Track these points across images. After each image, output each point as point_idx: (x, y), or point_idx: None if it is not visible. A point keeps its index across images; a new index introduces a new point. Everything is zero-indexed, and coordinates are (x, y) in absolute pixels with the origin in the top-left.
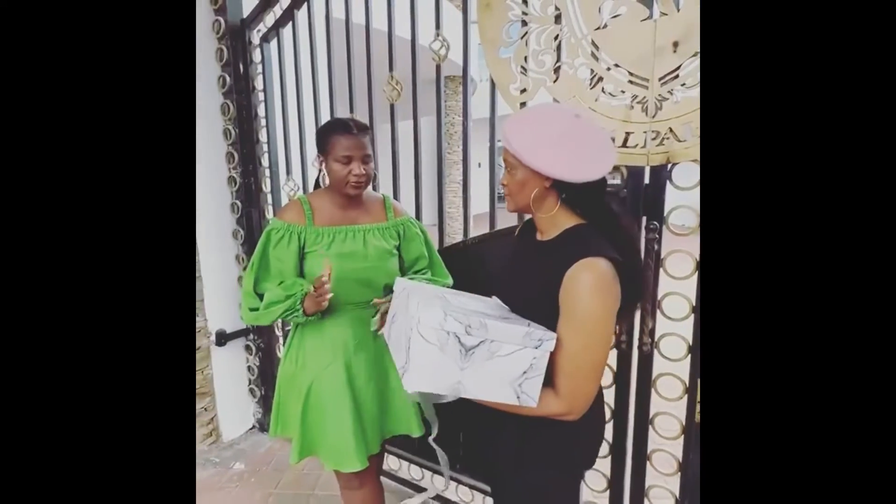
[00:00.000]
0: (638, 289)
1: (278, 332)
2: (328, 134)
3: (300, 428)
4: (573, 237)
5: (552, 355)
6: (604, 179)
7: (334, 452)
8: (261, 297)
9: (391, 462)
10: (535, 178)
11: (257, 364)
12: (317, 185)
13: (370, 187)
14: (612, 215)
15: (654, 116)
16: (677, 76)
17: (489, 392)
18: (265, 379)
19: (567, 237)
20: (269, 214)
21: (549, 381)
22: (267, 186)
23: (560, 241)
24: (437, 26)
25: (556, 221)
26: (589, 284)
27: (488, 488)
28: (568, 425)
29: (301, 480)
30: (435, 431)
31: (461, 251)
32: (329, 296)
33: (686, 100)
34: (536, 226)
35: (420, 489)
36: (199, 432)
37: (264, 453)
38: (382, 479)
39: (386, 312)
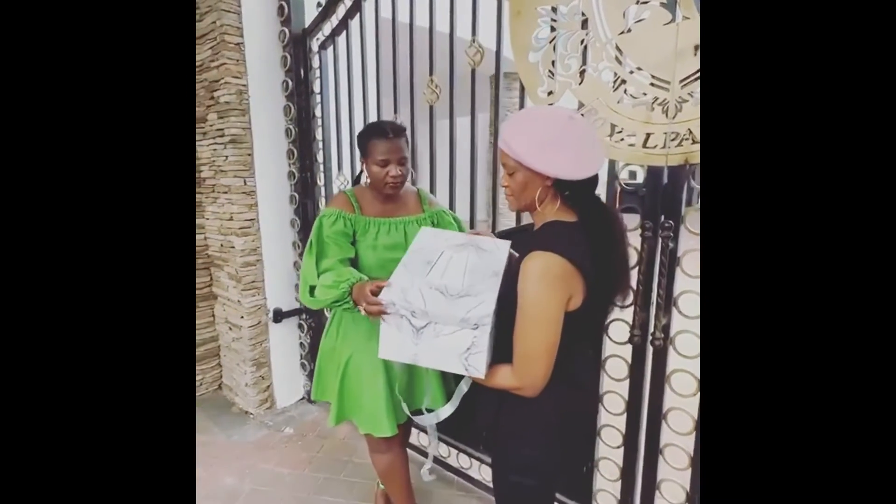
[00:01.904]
0: (615, 284)
1: (328, 314)
2: (367, 138)
3: (338, 395)
4: (545, 231)
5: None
6: (596, 175)
7: (368, 418)
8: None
9: (422, 439)
10: (537, 178)
11: (308, 341)
12: (356, 181)
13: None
14: (606, 213)
15: (673, 118)
16: (698, 78)
17: (441, 363)
18: (314, 355)
19: (541, 230)
20: (322, 206)
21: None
22: (321, 180)
23: (536, 233)
24: (474, 32)
25: (544, 216)
26: (534, 274)
27: None
28: (532, 403)
29: (341, 447)
30: (442, 415)
31: None
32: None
33: None
34: (533, 219)
35: (447, 466)
36: (257, 398)
37: (311, 421)
38: (415, 454)
39: None
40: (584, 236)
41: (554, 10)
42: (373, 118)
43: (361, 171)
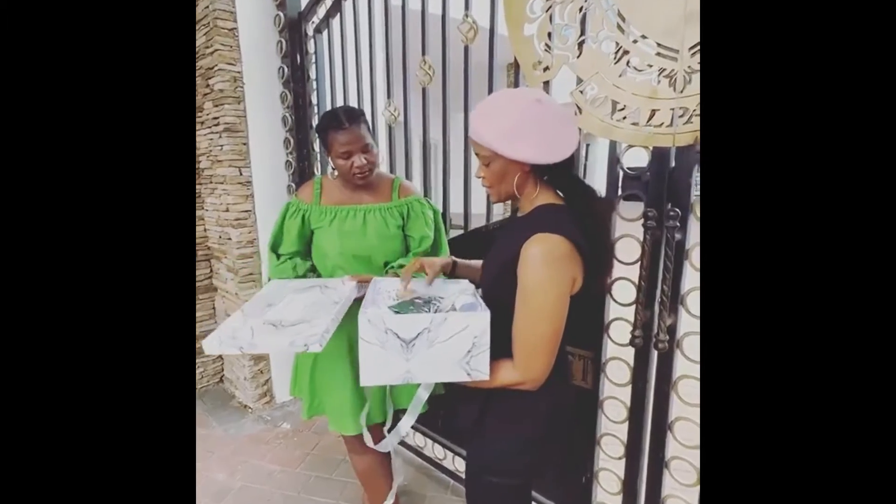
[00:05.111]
0: (602, 267)
1: None
2: (324, 132)
3: (309, 389)
4: (540, 214)
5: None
6: (572, 156)
7: (334, 415)
8: (278, 256)
9: (417, 439)
10: (513, 166)
11: None
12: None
13: (385, 169)
14: (587, 191)
15: (682, 91)
16: None
17: (440, 375)
18: None
19: (535, 214)
20: None
21: (509, 351)
22: (318, 170)
23: (529, 217)
24: (467, 6)
25: (532, 201)
26: (537, 257)
27: None
28: (524, 397)
29: (336, 446)
30: (403, 431)
31: (483, 234)
32: None
33: None
34: (518, 205)
35: (443, 469)
36: (256, 392)
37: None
38: (409, 454)
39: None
40: (574, 217)
41: None
42: (367, 104)
43: (329, 166)
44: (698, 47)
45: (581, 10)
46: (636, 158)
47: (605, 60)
